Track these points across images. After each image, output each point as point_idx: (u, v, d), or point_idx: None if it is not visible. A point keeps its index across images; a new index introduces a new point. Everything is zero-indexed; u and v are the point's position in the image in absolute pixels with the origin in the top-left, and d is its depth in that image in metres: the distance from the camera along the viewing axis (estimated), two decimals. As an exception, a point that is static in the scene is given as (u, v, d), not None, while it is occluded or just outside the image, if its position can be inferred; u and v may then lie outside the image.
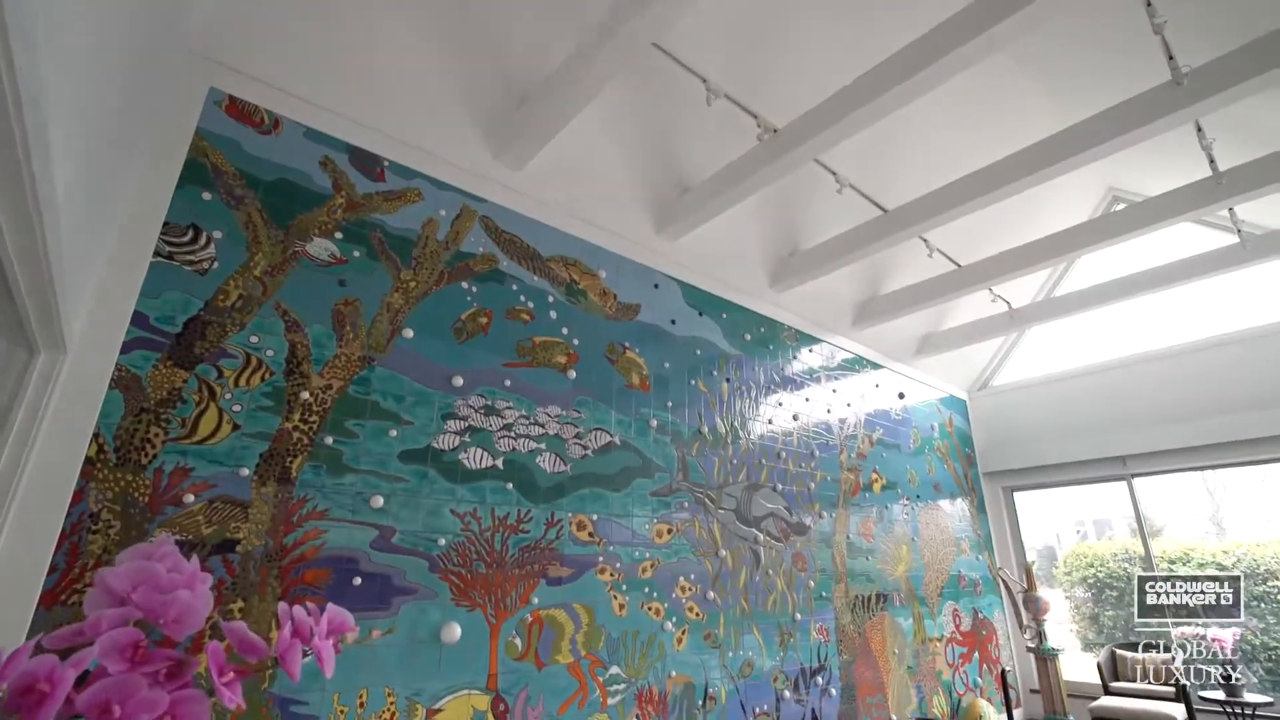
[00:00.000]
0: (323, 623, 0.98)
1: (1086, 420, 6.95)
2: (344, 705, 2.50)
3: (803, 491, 4.94)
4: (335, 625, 1.01)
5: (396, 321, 3.05)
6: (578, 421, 3.62)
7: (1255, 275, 5.95)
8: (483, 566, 3.02)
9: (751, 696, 4.02)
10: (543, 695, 3.06)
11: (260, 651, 0.91)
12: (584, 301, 3.89)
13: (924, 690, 5.50)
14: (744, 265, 4.96)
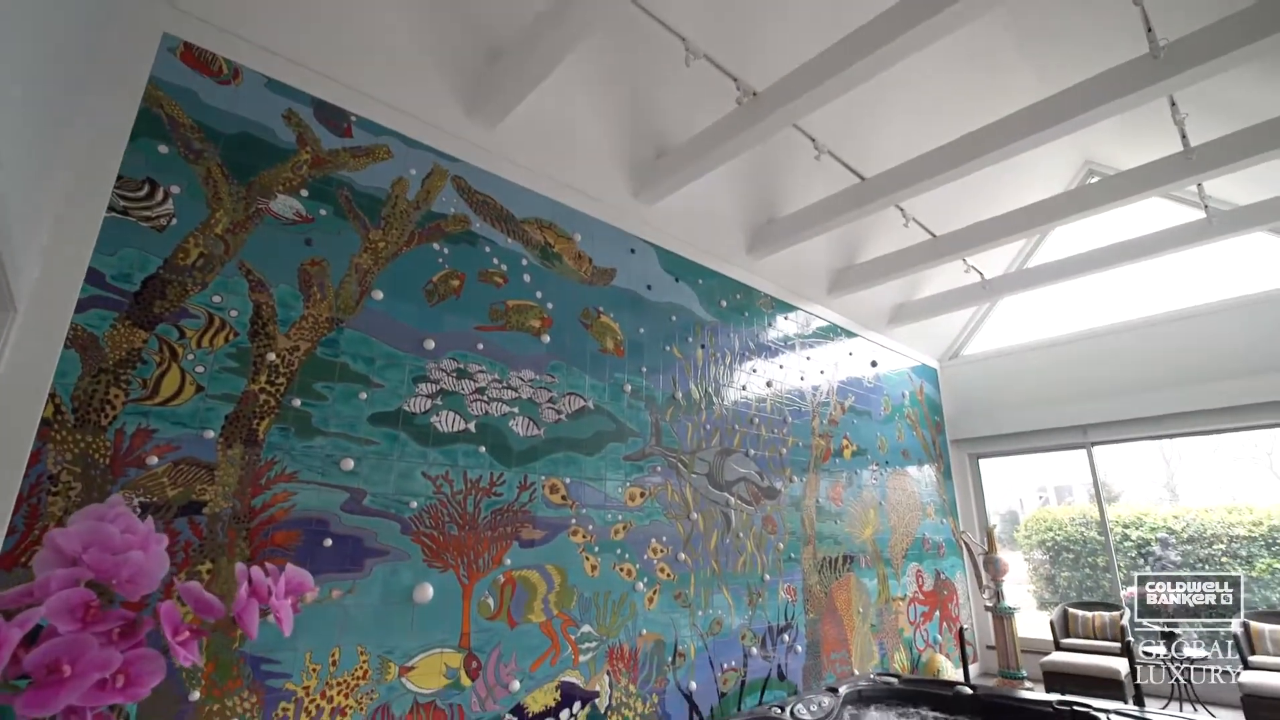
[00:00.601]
0: (280, 583, 0.98)
1: (1051, 390, 7.14)
2: (316, 663, 2.53)
3: (774, 457, 5.03)
4: (294, 585, 1.02)
5: (365, 283, 2.99)
6: (551, 386, 3.62)
7: (1215, 251, 6.10)
8: (455, 529, 3.04)
9: (720, 653, 4.15)
10: (515, 652, 3.13)
11: (217, 611, 0.92)
12: (559, 265, 3.85)
13: (886, 646, 5.73)
14: (721, 231, 4.94)
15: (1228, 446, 7.79)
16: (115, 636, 0.88)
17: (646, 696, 3.66)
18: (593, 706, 3.38)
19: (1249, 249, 6.19)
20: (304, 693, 2.47)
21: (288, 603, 0.95)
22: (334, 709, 2.54)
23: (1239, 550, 6.37)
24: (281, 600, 0.94)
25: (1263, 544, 6.23)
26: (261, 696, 2.37)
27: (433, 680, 2.83)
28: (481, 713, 2.96)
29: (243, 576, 0.97)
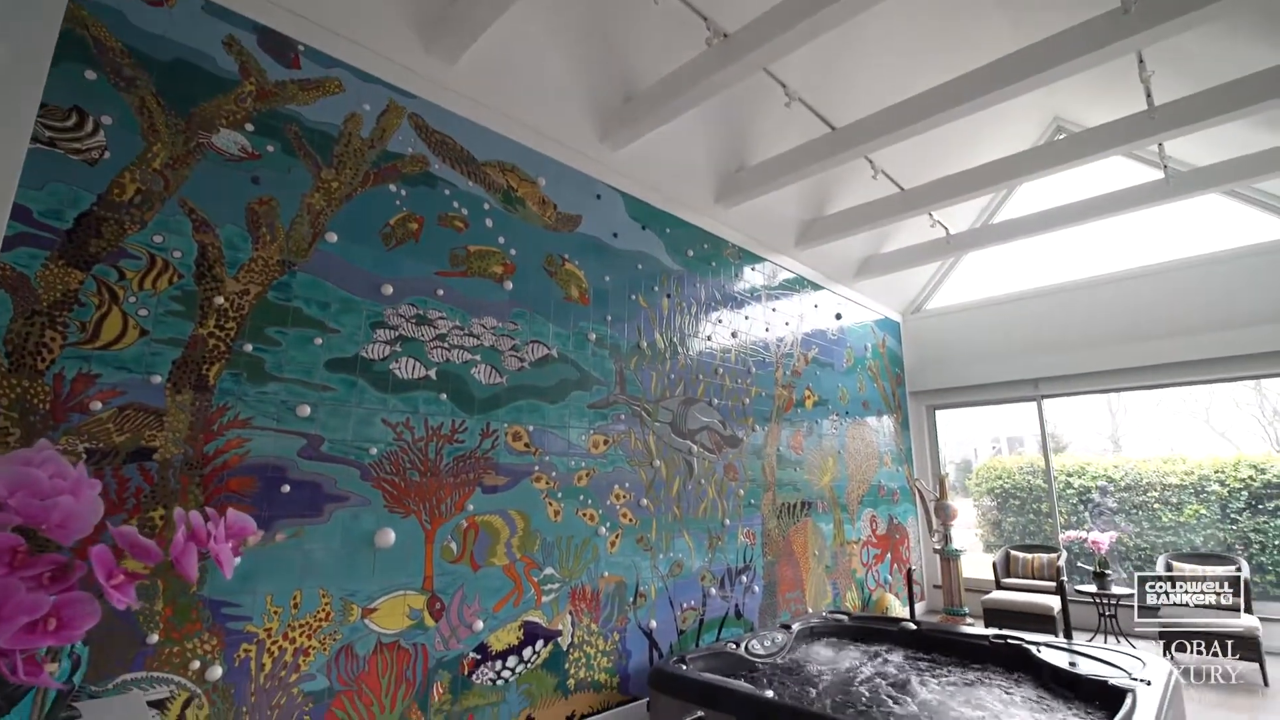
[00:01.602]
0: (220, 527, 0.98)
1: (1006, 344, 7.35)
2: (277, 606, 2.55)
3: (737, 406, 5.12)
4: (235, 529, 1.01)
5: (318, 224, 2.89)
6: (514, 334, 3.59)
7: (1168, 212, 6.24)
8: (416, 475, 3.05)
9: (680, 593, 4.31)
10: (478, 594, 3.20)
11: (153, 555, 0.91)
12: (522, 210, 3.76)
13: (839, 587, 6.01)
14: (689, 179, 4.87)
15: (1169, 401, 8.19)
16: (46, 580, 0.87)
17: (608, 635, 3.79)
18: (555, 644, 3.50)
19: (1199, 210, 6.35)
20: (265, 635, 2.50)
21: (228, 546, 0.95)
22: (297, 650, 2.58)
23: (1170, 498, 6.75)
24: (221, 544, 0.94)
25: (1192, 491, 6.61)
26: (222, 638, 2.40)
27: (396, 621, 2.88)
28: (445, 651, 3.04)
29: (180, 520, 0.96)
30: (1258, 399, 8.74)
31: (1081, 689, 3.35)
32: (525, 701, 3.32)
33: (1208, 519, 6.42)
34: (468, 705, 3.08)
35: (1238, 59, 4.43)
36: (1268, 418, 8.74)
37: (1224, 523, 6.30)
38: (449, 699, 3.02)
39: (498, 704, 3.20)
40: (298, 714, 2.54)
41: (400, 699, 2.85)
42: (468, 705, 3.08)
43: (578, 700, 3.57)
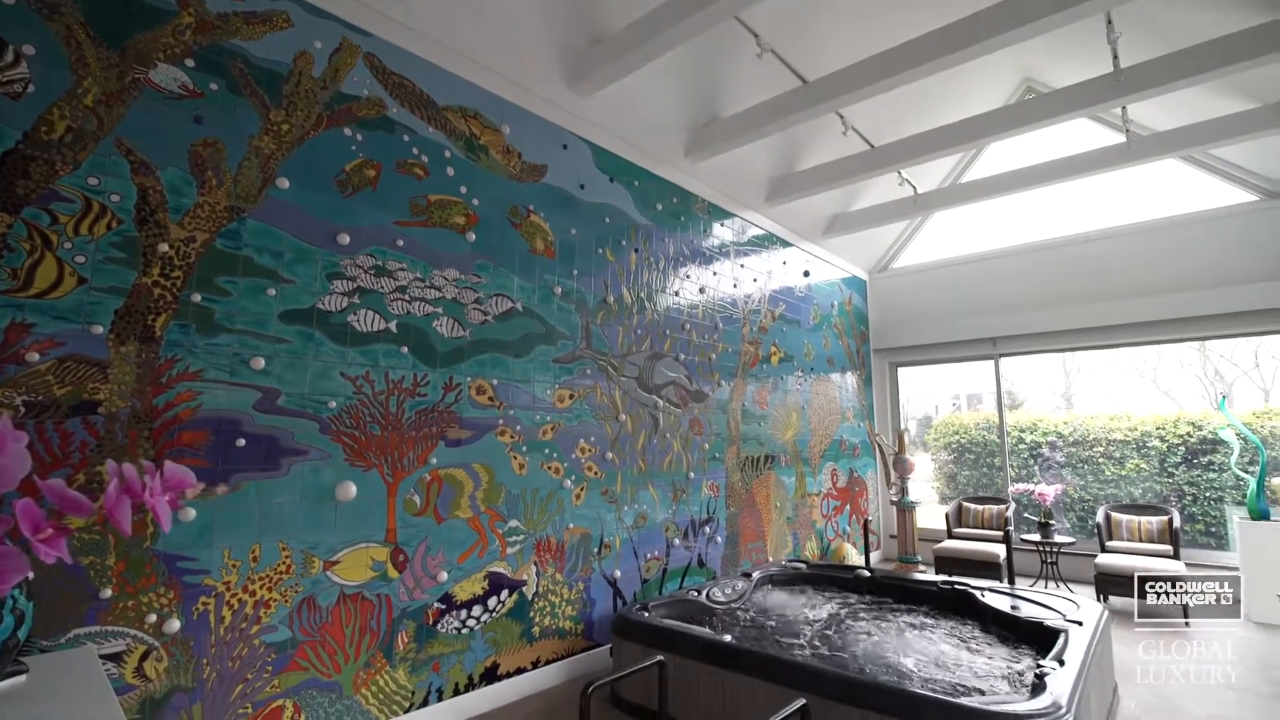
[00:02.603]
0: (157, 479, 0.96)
1: (967, 304, 7.50)
2: (235, 560, 2.53)
3: (704, 361, 5.15)
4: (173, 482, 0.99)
5: (268, 169, 2.76)
6: (478, 286, 3.53)
7: (1126, 176, 6.36)
8: (377, 429, 3.02)
9: (644, 544, 4.41)
10: (443, 546, 3.23)
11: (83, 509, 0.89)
12: (485, 159, 3.65)
13: (799, 537, 6.22)
14: (659, 131, 4.76)
15: (1120, 361, 8.51)
16: (-31, 535, 0.84)
17: (573, 584, 3.88)
18: (520, 594, 3.57)
19: (1155, 176, 6.48)
20: (224, 588, 2.49)
21: (165, 500, 0.93)
22: (257, 602, 2.58)
23: (1114, 453, 7.08)
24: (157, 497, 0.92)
25: (1134, 447, 6.93)
26: (179, 592, 2.38)
27: (359, 573, 2.90)
28: (409, 602, 3.07)
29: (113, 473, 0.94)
30: (1201, 360, 9.15)
31: (1020, 630, 3.56)
32: (490, 649, 3.40)
33: (1147, 472, 6.75)
34: (433, 653, 3.14)
35: (1203, 23, 4.46)
36: (1209, 378, 9.18)
37: (1162, 476, 6.65)
38: (414, 648, 3.07)
39: (463, 651, 3.27)
40: (260, 664, 2.56)
41: (365, 648, 2.89)
42: (433, 653, 3.14)
43: (542, 647, 3.66)
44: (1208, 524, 6.32)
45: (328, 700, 2.76)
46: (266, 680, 2.58)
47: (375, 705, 2.91)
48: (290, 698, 2.65)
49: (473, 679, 3.30)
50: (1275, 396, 7.52)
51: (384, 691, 2.95)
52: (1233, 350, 8.89)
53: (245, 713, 2.51)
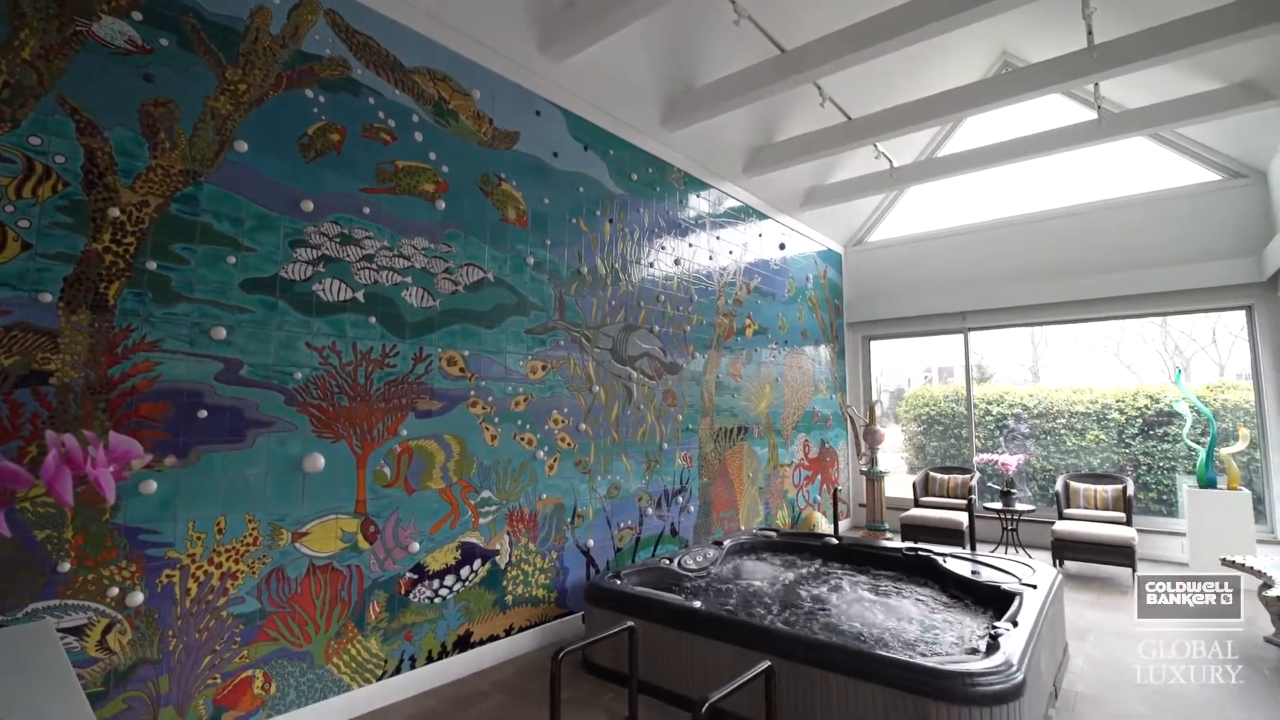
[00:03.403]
0: (100, 451, 0.93)
1: (938, 278, 7.59)
2: (200, 532, 2.50)
3: (678, 334, 5.16)
4: (118, 453, 0.97)
5: (225, 131, 2.65)
6: (448, 256, 3.46)
7: (1096, 153, 6.43)
8: (345, 400, 2.98)
9: (617, 514, 4.46)
10: (414, 517, 3.22)
11: (21, 480, 0.86)
12: (454, 124, 3.55)
13: (771, 506, 6.33)
14: (634, 98, 4.67)
15: (1086, 336, 8.73)
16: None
17: (546, 553, 3.91)
18: (493, 563, 3.60)
19: (1124, 153, 6.56)
20: (189, 560, 2.47)
21: (108, 470, 0.91)
22: (224, 574, 2.56)
23: (1076, 424, 7.29)
24: (100, 469, 0.90)
25: (1095, 419, 7.15)
26: (142, 565, 2.35)
27: (328, 544, 2.88)
28: (381, 572, 3.08)
29: (53, 443, 0.91)
30: (1162, 335, 9.42)
31: (979, 593, 3.69)
32: (463, 617, 3.43)
33: (1106, 443, 6.98)
34: (405, 622, 3.16)
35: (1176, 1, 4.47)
36: (1169, 352, 9.47)
37: (1120, 447, 6.88)
38: (386, 617, 3.08)
39: (435, 620, 3.29)
40: (228, 635, 2.56)
41: (336, 618, 2.90)
42: (405, 622, 3.16)
43: (516, 615, 3.71)
44: (1160, 492, 6.57)
45: (299, 670, 2.77)
46: (235, 651, 2.58)
47: (347, 674, 2.93)
48: (260, 668, 2.65)
49: (445, 647, 3.34)
50: (1230, 371, 7.80)
51: (356, 660, 2.96)
52: (1192, 326, 9.17)
53: (214, 683, 2.51)
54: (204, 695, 2.49)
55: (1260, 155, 5.68)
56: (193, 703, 2.45)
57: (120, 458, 0.96)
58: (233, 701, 2.56)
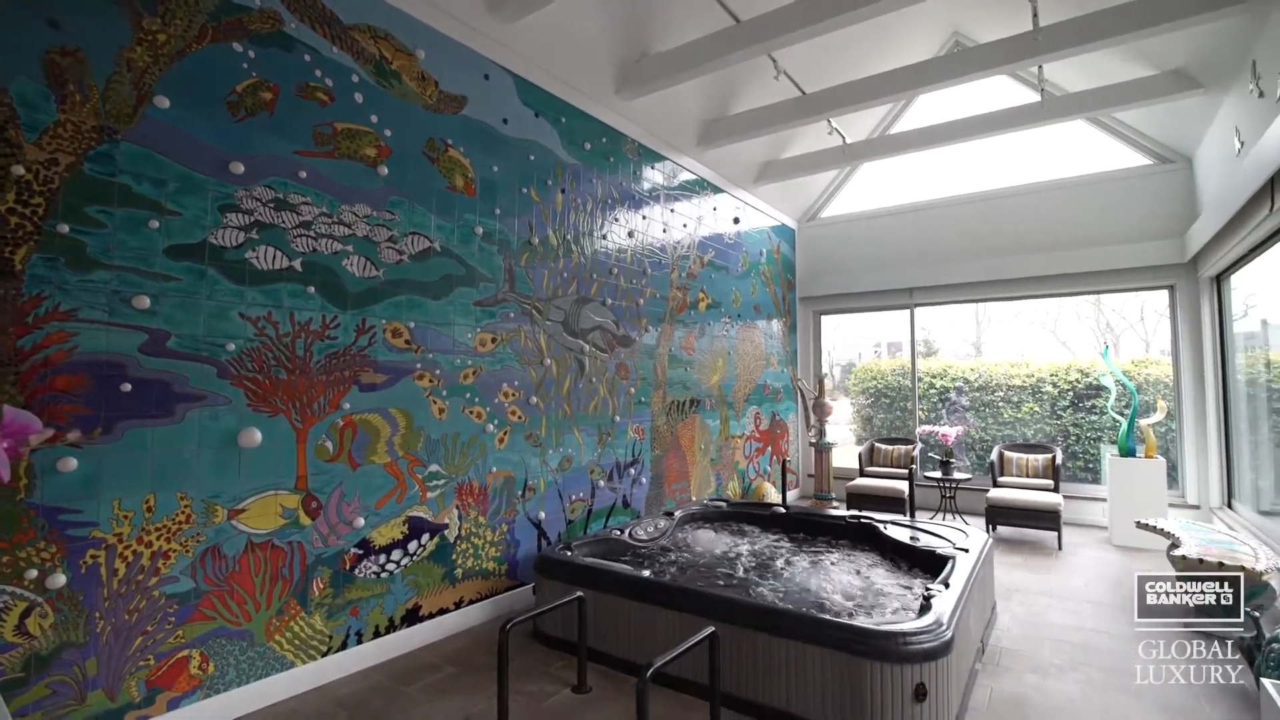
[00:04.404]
0: (-9, 430, 0.87)
1: (887, 255, 7.76)
2: (127, 511, 2.40)
3: (631, 307, 5.14)
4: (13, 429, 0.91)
5: (144, 85, 2.47)
6: (391, 224, 3.35)
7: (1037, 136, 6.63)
8: (283, 373, 2.87)
9: (569, 486, 4.47)
10: (358, 492, 3.16)
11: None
12: (397, 86, 3.40)
13: (722, 477, 6.45)
14: (588, 64, 4.56)
15: (1027, 312, 9.10)
16: None
17: (496, 526, 3.90)
18: (441, 537, 3.57)
19: (1064, 136, 6.78)
20: (116, 540, 2.36)
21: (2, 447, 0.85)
22: (155, 553, 2.47)
23: (1013, 397, 7.63)
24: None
25: (1030, 392, 7.49)
26: (63, 546, 2.24)
27: (267, 521, 2.81)
28: (324, 548, 3.02)
29: (-64, 423, 0.85)
30: (1095, 313, 9.89)
31: (916, 557, 3.86)
32: (411, 591, 3.40)
33: (1039, 415, 7.33)
34: (350, 598, 3.12)
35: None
36: (1101, 329, 9.96)
37: (1052, 418, 7.24)
38: (330, 593, 3.03)
39: (383, 595, 3.26)
40: (161, 616, 2.47)
41: (277, 596, 2.83)
42: (350, 598, 3.12)
43: (466, 588, 3.70)
44: (1087, 461, 6.96)
45: (238, 648, 2.70)
46: (169, 631, 2.50)
47: (290, 651, 2.88)
48: (197, 647, 2.58)
49: (394, 621, 3.31)
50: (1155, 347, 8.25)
51: (299, 637, 2.91)
52: (1123, 304, 9.66)
53: (147, 664, 2.43)
54: (136, 677, 2.41)
55: (1187, 142, 5.95)
56: (124, 685, 2.38)
57: (16, 434, 0.91)
58: (168, 682, 2.49)
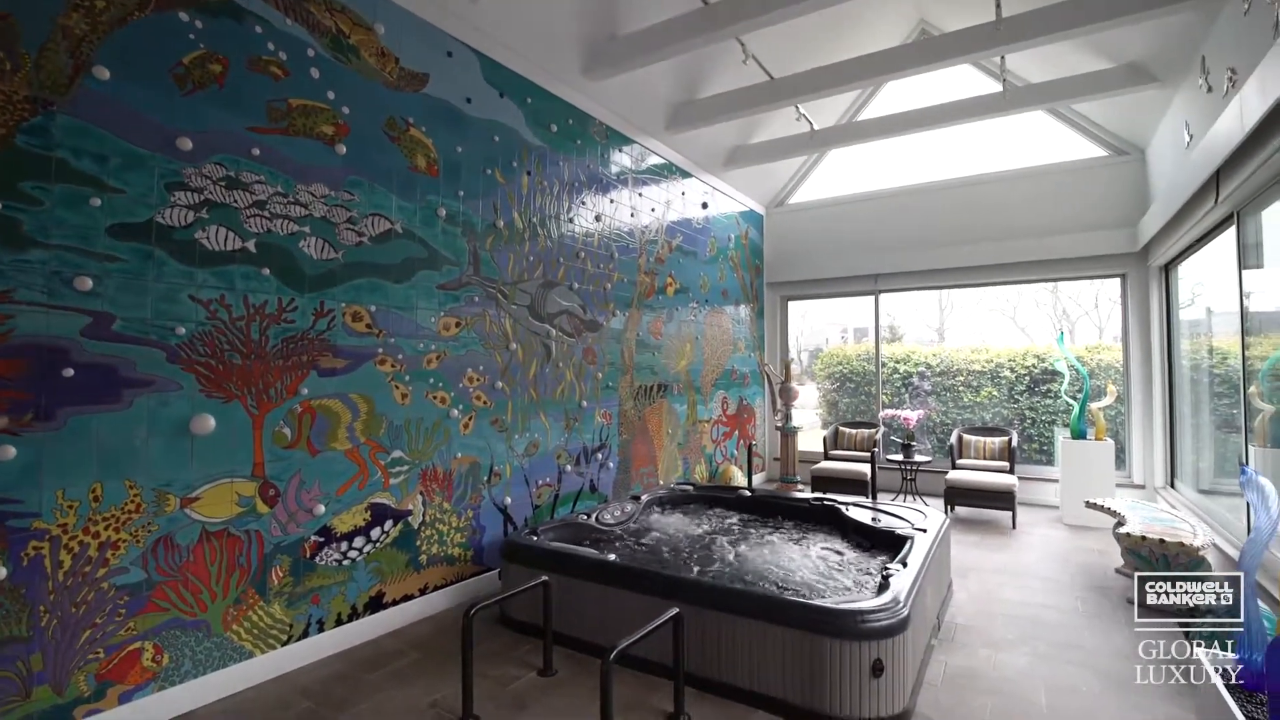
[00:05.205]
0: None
1: (853, 241, 7.85)
2: (72, 500, 2.31)
3: (598, 291, 5.11)
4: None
5: (81, 55, 2.35)
6: (350, 204, 3.26)
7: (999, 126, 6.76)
8: (238, 358, 2.79)
9: (536, 471, 4.45)
10: (318, 479, 3.10)
11: None
12: (355, 61, 3.30)
13: (690, 461, 6.50)
14: (555, 44, 4.48)
15: (988, 299, 9.34)
16: None
17: (461, 512, 3.87)
18: (405, 524, 3.53)
19: (1025, 126, 6.92)
20: (60, 531, 2.28)
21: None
22: (102, 544, 2.39)
23: (973, 382, 7.83)
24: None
25: (989, 377, 7.70)
26: (3, 538, 2.15)
27: (222, 509, 2.74)
28: (283, 536, 2.96)
29: None
30: (1053, 300, 10.19)
31: (877, 538, 3.96)
32: (375, 579, 3.36)
33: (998, 399, 7.54)
34: (312, 586, 3.07)
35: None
36: (1058, 316, 10.28)
37: (1009, 402, 7.45)
38: (290, 581, 2.98)
39: (345, 583, 3.21)
40: (111, 608, 2.40)
41: (234, 585, 2.77)
42: (312, 586, 3.07)
43: (430, 574, 3.67)
44: (1041, 443, 7.20)
45: (194, 639, 2.64)
46: (120, 624, 2.43)
47: (249, 641, 2.83)
48: (149, 639, 2.51)
49: (356, 609, 3.27)
50: (1108, 334, 8.55)
51: (258, 627, 2.86)
52: (1079, 292, 9.98)
53: (96, 658, 2.36)
54: (85, 671, 2.34)
55: (1141, 134, 6.12)
56: (72, 679, 2.31)
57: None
58: (119, 675, 2.43)
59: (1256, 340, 4.01)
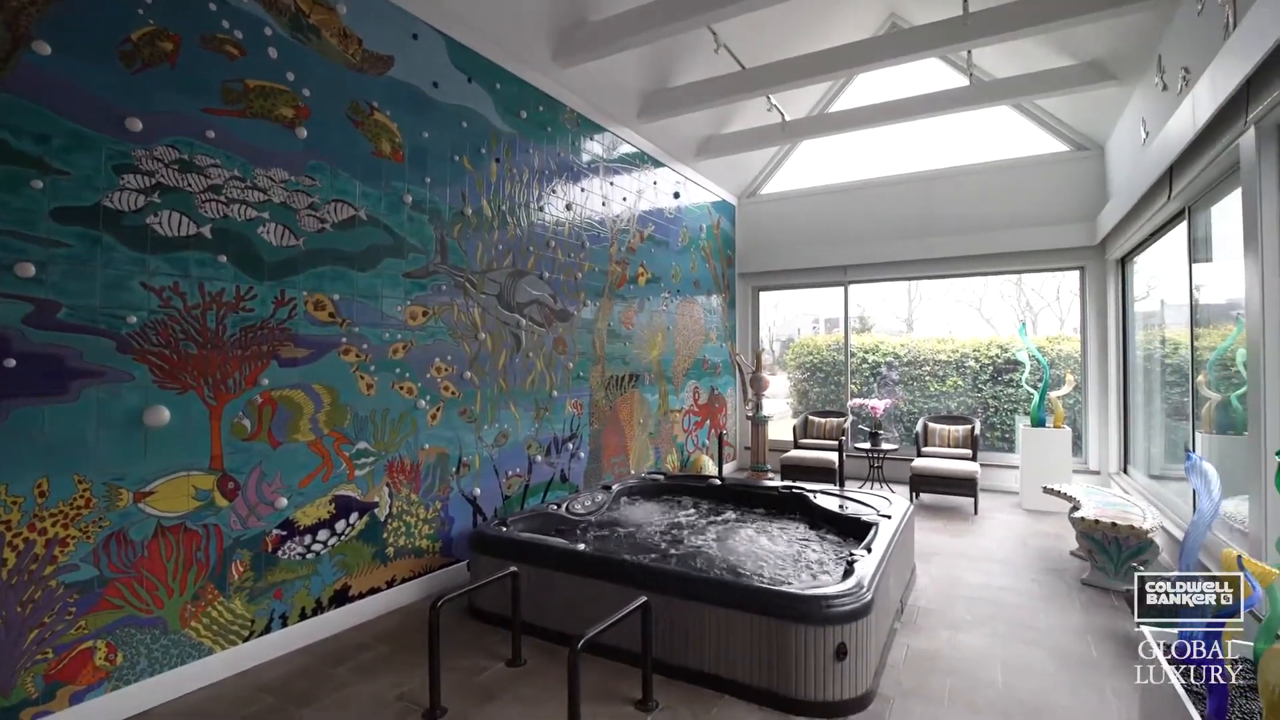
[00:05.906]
0: None
1: (823, 232, 7.93)
2: (16, 496, 2.22)
3: (569, 280, 5.08)
4: None
5: (19, 29, 2.23)
6: (311, 190, 3.17)
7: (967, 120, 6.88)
8: (193, 347, 2.71)
9: (505, 462, 4.42)
10: (280, 471, 3.03)
11: None
12: (316, 42, 3.20)
13: (661, 451, 6.53)
14: (524, 28, 4.40)
15: (956, 290, 9.53)
16: None
17: (429, 504, 3.83)
18: (371, 516, 3.47)
19: (991, 120, 7.05)
20: (3, 528, 2.19)
21: None
22: (50, 540, 2.30)
23: (938, 371, 7.99)
24: None
25: (955, 367, 7.86)
26: (-59, 532, 2.06)
27: (179, 503, 2.66)
28: (244, 530, 2.89)
29: None
30: (1018, 292, 10.45)
31: (843, 525, 4.02)
32: (340, 572, 3.31)
33: (962, 388, 7.71)
34: (274, 580, 3.01)
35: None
36: (1022, 308, 10.54)
37: (973, 391, 7.63)
38: (251, 576, 2.92)
39: (309, 576, 3.16)
40: (60, 607, 2.32)
41: (192, 581, 2.70)
42: (274, 580, 3.01)
43: (398, 566, 3.63)
44: (1003, 431, 7.39)
45: (150, 637, 2.57)
46: (70, 623, 2.35)
47: (209, 637, 2.76)
48: (102, 638, 2.44)
49: (321, 603, 3.22)
50: (1069, 325, 8.78)
51: (218, 623, 2.80)
52: (1041, 284, 10.24)
53: (45, 658, 2.29)
54: (33, 672, 2.26)
55: (1101, 130, 6.28)
56: (19, 681, 2.23)
57: None
58: (70, 675, 2.35)
59: (1205, 331, 4.16)
